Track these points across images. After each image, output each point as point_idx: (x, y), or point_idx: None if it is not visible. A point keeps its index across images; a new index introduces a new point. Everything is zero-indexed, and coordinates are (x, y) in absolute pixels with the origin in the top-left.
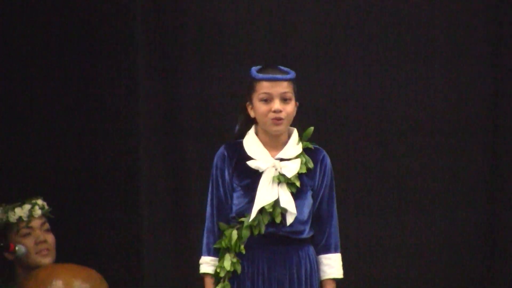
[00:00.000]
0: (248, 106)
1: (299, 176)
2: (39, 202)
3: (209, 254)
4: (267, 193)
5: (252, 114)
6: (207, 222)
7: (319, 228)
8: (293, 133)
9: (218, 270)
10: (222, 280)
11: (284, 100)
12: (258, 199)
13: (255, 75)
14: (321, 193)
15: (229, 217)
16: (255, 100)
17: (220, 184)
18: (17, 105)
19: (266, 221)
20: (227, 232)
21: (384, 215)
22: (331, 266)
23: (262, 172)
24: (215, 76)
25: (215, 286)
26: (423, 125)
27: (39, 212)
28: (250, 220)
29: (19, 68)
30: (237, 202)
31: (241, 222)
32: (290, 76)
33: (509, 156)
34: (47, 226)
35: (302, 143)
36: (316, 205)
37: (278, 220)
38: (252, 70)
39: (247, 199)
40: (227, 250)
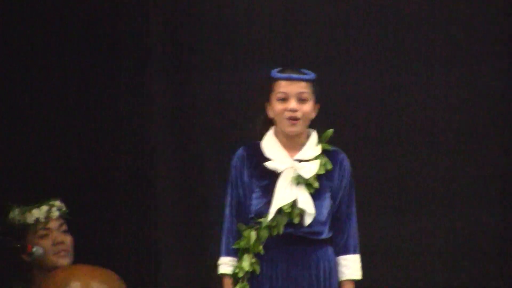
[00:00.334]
0: (267, 106)
1: (318, 177)
2: (57, 203)
3: (228, 255)
4: (285, 194)
5: (270, 114)
6: (225, 223)
7: (338, 229)
8: (312, 134)
9: (236, 271)
10: (240, 281)
11: (301, 100)
12: (276, 199)
13: (273, 74)
14: (340, 194)
15: (248, 217)
16: (273, 99)
17: (239, 185)
18: (35, 108)
19: (284, 222)
20: (245, 233)
21: (399, 216)
22: (349, 267)
23: (280, 173)
24: (230, 78)
25: (234, 286)
26: (433, 126)
27: (56, 213)
28: (269, 221)
29: (41, 72)
30: (255, 202)
31: (259, 223)
32: (308, 77)
33: None
34: (64, 227)
35: (321, 144)
36: (336, 206)
37: (296, 220)
38: (273, 71)
39: (265, 200)
40: (246, 250)
